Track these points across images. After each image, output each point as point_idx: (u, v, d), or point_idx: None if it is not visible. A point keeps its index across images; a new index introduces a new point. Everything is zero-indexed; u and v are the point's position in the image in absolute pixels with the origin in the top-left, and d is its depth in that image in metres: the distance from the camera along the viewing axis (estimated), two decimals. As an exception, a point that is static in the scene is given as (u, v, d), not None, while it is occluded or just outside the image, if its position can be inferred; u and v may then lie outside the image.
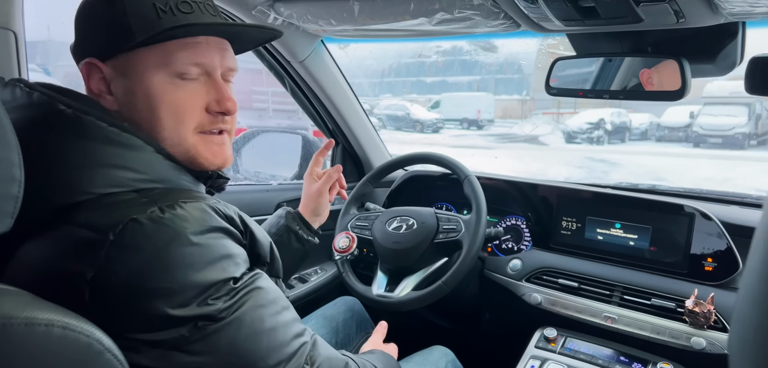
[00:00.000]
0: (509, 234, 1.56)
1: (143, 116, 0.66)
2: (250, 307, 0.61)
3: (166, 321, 0.55)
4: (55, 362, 0.46)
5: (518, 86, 18.37)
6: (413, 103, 16.23)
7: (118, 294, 0.53)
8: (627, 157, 10.10)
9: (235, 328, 0.59)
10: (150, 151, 0.63)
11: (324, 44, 1.54)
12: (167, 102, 0.66)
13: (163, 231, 0.55)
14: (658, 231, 1.28)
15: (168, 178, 0.65)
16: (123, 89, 0.66)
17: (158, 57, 0.65)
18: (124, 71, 0.65)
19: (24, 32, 0.85)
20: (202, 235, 0.58)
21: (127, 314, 0.54)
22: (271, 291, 0.66)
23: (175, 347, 0.56)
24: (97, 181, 0.58)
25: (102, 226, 0.54)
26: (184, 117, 0.67)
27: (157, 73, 0.65)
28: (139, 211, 0.56)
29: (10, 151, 0.47)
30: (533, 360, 1.19)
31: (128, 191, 0.59)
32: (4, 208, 0.48)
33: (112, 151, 0.60)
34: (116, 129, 0.61)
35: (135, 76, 0.65)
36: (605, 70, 1.20)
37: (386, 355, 0.97)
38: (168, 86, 0.66)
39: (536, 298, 1.33)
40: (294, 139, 1.96)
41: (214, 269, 0.58)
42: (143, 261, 0.54)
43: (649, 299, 1.20)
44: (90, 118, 0.60)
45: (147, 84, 0.65)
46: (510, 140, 13.77)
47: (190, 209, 0.59)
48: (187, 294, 0.55)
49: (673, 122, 12.17)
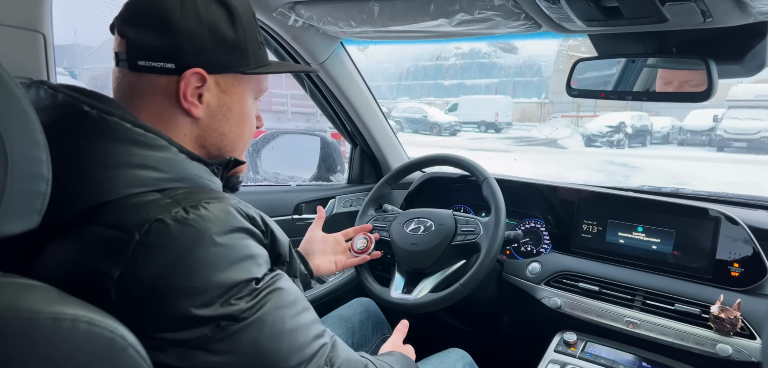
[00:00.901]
0: (528, 237, 1.55)
1: (231, 129, 0.74)
2: (271, 308, 0.61)
3: (190, 320, 0.55)
4: (80, 356, 0.47)
5: (537, 89, 18.25)
6: (430, 105, 16.20)
7: (143, 293, 0.54)
8: (648, 161, 9.94)
9: (258, 328, 0.59)
10: (173, 150, 0.64)
11: (343, 46, 1.54)
12: (251, 120, 0.78)
13: (188, 231, 0.56)
14: (682, 235, 1.25)
15: (190, 176, 0.65)
16: (218, 103, 0.71)
17: (255, 84, 0.76)
18: (226, 89, 0.72)
19: (52, 35, 0.87)
20: (226, 236, 0.58)
21: (152, 313, 0.54)
22: (292, 292, 0.66)
23: (198, 346, 0.56)
24: (123, 181, 0.59)
25: (128, 226, 0.55)
26: (253, 130, 0.79)
27: (250, 95, 0.76)
28: (164, 211, 0.56)
29: (39, 149, 0.48)
30: (553, 364, 1.17)
31: (152, 191, 0.60)
32: (32, 205, 0.48)
33: (136, 151, 0.60)
34: (140, 129, 0.61)
35: (235, 95, 0.73)
36: (628, 71, 1.18)
37: (405, 357, 0.96)
38: (253, 107, 0.78)
39: (556, 302, 1.31)
40: (312, 141, 1.97)
41: (237, 269, 0.58)
42: (168, 261, 0.55)
43: (673, 304, 1.17)
44: (114, 118, 0.60)
45: (243, 104, 0.74)
46: (528, 143, 13.67)
47: (214, 209, 0.59)
48: (210, 294, 0.56)
49: (696, 126, 11.96)
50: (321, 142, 1.95)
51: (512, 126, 16.10)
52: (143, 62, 0.65)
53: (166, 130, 0.66)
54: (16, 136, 0.45)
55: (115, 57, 0.68)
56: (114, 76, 0.69)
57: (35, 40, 0.83)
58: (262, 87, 0.79)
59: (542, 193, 1.52)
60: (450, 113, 16.04)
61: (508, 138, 14.59)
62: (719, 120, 11.18)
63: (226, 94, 0.71)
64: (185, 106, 0.68)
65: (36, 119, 0.48)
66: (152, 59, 0.65)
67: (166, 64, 0.66)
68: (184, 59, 0.66)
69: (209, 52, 0.67)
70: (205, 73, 0.67)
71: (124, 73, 0.67)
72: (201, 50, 0.67)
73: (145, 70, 0.66)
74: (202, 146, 0.72)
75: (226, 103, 0.72)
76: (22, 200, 0.47)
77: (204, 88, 0.68)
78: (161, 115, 0.67)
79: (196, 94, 0.68)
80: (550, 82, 17.44)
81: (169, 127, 0.67)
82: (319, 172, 1.92)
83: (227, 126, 0.73)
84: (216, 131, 0.72)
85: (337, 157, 1.96)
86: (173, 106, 0.68)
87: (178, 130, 0.69)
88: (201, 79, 0.67)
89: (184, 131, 0.69)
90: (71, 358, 0.46)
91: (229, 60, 0.70)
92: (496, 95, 18.12)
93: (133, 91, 0.67)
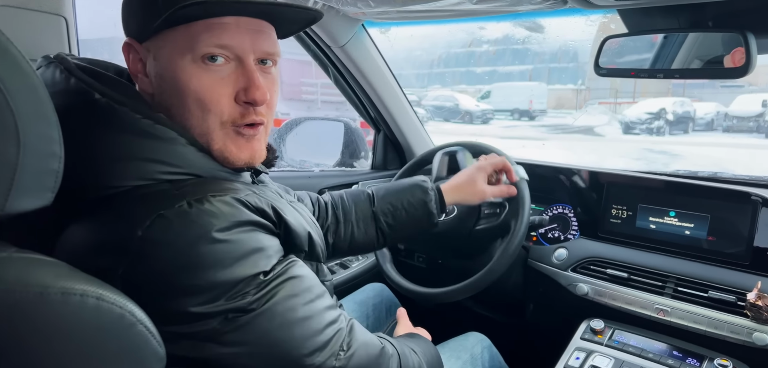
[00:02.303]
0: (556, 223, 1.50)
1: (173, 102, 0.63)
2: (282, 297, 0.60)
3: (196, 316, 0.55)
4: (89, 331, 0.47)
5: (573, 75, 17.78)
6: (462, 93, 16.01)
7: (148, 289, 0.54)
8: (690, 148, 9.55)
9: (268, 318, 0.58)
10: (183, 142, 0.62)
11: (365, 28, 1.53)
12: (192, 88, 0.62)
13: (191, 227, 0.55)
14: (717, 220, 1.19)
15: (202, 167, 0.63)
16: (155, 73, 0.64)
17: (184, 39, 0.61)
18: (156, 53, 0.63)
19: (75, 18, 0.89)
20: (230, 231, 0.57)
21: (158, 308, 0.54)
22: (306, 279, 0.65)
23: (208, 339, 0.56)
24: (130, 173, 0.58)
25: (132, 221, 0.55)
26: (210, 105, 0.63)
27: (183, 56, 0.61)
28: (168, 206, 0.55)
29: (51, 127, 0.49)
30: (578, 351, 1.14)
31: (161, 183, 0.59)
32: (45, 183, 0.49)
33: (145, 143, 0.59)
34: (150, 120, 0.60)
35: (163, 59, 0.63)
36: (659, 47, 1.13)
37: (425, 340, 0.95)
38: (194, 71, 0.62)
39: (583, 289, 1.28)
40: (336, 127, 1.97)
41: (242, 265, 0.57)
42: (171, 257, 0.54)
43: (706, 291, 1.12)
44: (124, 109, 0.59)
45: (173, 68, 0.62)
46: (563, 131, 13.35)
47: (218, 204, 0.57)
48: (215, 291, 0.55)
49: (743, 111, 11.41)
50: (345, 127, 1.94)
51: (547, 113, 15.74)
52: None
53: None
54: (29, 114, 0.46)
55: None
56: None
57: (58, 23, 0.84)
58: (194, 44, 0.61)
59: (570, 178, 1.47)
60: (482, 101, 15.79)
61: (542, 126, 14.27)
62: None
63: (157, 60, 0.63)
64: (134, 80, 0.67)
65: (48, 97, 0.49)
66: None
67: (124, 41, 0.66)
68: (126, 31, 0.66)
69: (129, 17, 0.65)
70: (132, 42, 0.65)
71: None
72: (125, 18, 0.66)
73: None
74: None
75: (160, 72, 0.63)
76: (35, 177, 0.48)
77: (143, 59, 0.65)
78: (139, 99, 0.65)
79: (139, 67, 0.66)
80: (586, 68, 16.96)
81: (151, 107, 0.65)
82: (342, 158, 1.92)
83: (167, 98, 0.64)
84: (162, 106, 0.64)
85: (361, 143, 1.96)
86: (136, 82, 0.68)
87: (158, 108, 0.64)
88: (134, 50, 0.65)
89: (160, 110, 0.63)
90: (80, 333, 0.47)
91: (143, 18, 0.62)
92: (530, 82, 17.76)
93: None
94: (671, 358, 1.08)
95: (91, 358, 0.48)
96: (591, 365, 1.10)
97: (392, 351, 0.78)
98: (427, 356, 0.88)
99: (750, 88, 11.99)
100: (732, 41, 1.02)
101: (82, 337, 0.47)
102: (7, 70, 0.44)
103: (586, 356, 1.12)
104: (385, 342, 0.78)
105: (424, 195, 1.08)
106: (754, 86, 11.95)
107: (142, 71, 0.66)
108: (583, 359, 1.11)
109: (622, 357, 1.11)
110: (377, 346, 0.74)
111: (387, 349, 0.77)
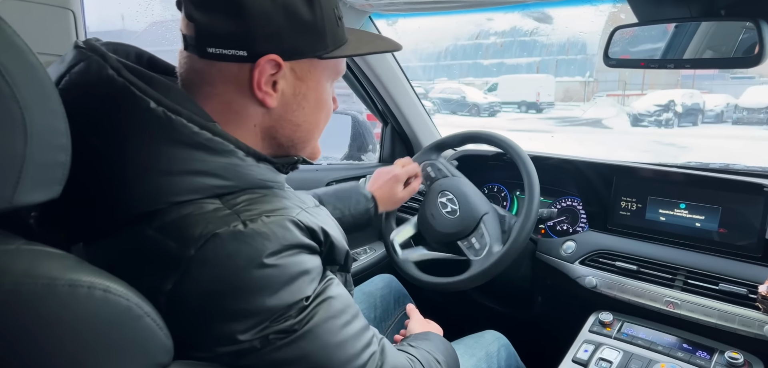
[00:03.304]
0: (564, 216, 1.50)
1: (307, 118, 0.68)
2: (321, 319, 0.59)
3: (238, 339, 0.55)
4: (96, 323, 0.47)
5: (581, 67, 17.68)
6: (469, 85, 15.94)
7: (194, 309, 0.53)
8: (699, 141, 9.48)
9: (308, 341, 0.58)
10: (240, 154, 0.60)
11: (372, 21, 1.52)
12: (328, 106, 0.71)
13: (243, 249, 0.54)
14: (728, 212, 1.18)
15: (254, 181, 0.62)
16: (294, 91, 0.65)
17: (334, 66, 0.69)
18: (302, 75, 0.65)
19: (83, 12, 0.89)
20: (279, 255, 0.56)
21: (202, 328, 0.54)
22: (341, 299, 0.64)
23: (246, 355, 0.56)
24: (182, 187, 0.55)
25: (184, 239, 0.53)
26: (329, 116, 0.73)
27: (328, 80, 0.69)
28: (223, 225, 0.54)
29: (57, 119, 0.49)
30: (587, 344, 1.13)
31: (211, 198, 0.57)
32: (53, 176, 0.49)
33: (200, 156, 0.56)
34: (207, 132, 0.57)
35: (312, 82, 0.66)
36: (670, 37, 1.11)
37: (443, 342, 0.94)
38: (330, 90, 0.71)
39: (592, 281, 1.27)
40: (344, 120, 1.97)
41: (288, 291, 0.57)
42: (222, 278, 0.53)
43: (717, 284, 1.11)
44: (181, 120, 0.55)
45: (321, 90, 0.68)
46: (571, 123, 13.28)
47: (273, 226, 0.56)
48: (260, 316, 0.55)
49: (754, 103, 11.29)
50: (352, 121, 1.94)
51: (554, 106, 15.66)
52: (213, 49, 0.59)
53: (235, 121, 0.63)
54: (36, 106, 0.46)
55: (183, 39, 0.62)
56: (181, 58, 0.64)
57: (65, 17, 0.84)
58: (340, 69, 0.71)
59: (579, 170, 1.46)
60: (489, 93, 15.74)
61: (549, 118, 14.21)
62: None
63: (302, 81, 0.65)
64: (259, 96, 0.62)
65: (54, 90, 0.49)
66: (223, 46, 0.59)
67: (238, 52, 0.59)
68: (258, 45, 0.60)
69: (284, 36, 0.60)
70: (281, 60, 0.61)
71: (193, 59, 0.61)
72: (275, 34, 0.60)
73: (215, 58, 0.60)
74: (272, 137, 0.67)
75: (302, 91, 0.65)
76: (43, 170, 0.48)
77: (278, 76, 0.62)
78: (231, 105, 0.62)
79: (270, 82, 0.62)
80: (594, 60, 16.83)
81: (239, 118, 0.63)
82: (350, 151, 1.91)
83: (302, 115, 0.67)
84: (290, 122, 0.66)
85: (368, 136, 1.96)
86: (245, 95, 0.62)
87: (248, 121, 0.64)
88: (276, 66, 0.61)
89: (255, 122, 0.64)
90: (87, 325, 0.47)
91: (306, 43, 0.63)
92: (538, 74, 17.66)
93: (203, 80, 0.62)
94: (681, 351, 1.08)
95: (98, 350, 0.48)
96: (599, 358, 1.09)
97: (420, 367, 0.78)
98: (448, 362, 0.88)
99: (761, 80, 11.85)
100: (741, 29, 1.01)
101: (89, 329, 0.47)
102: (14, 62, 0.44)
103: (594, 349, 1.11)
104: (414, 361, 0.78)
105: (366, 204, 1.20)
106: (765, 78, 11.81)
107: (271, 86, 0.63)
108: (591, 351, 1.11)
109: (631, 349, 1.10)
110: (407, 365, 0.74)
111: (416, 366, 0.77)
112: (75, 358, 0.47)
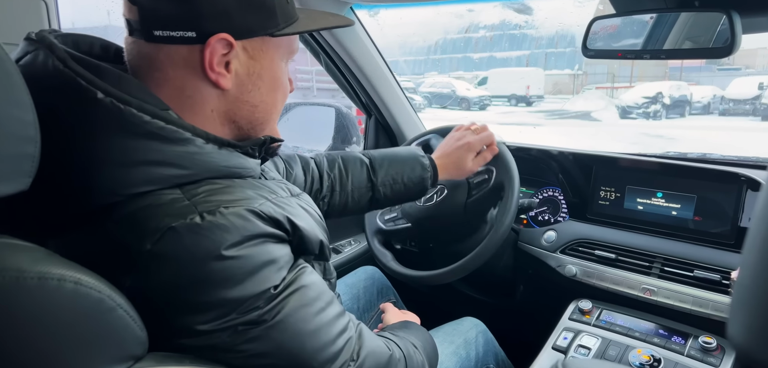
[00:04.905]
0: (546, 206, 1.51)
1: (264, 99, 0.66)
2: (292, 308, 0.58)
3: (205, 332, 0.54)
4: (67, 316, 0.47)
5: (570, 60, 17.75)
6: (459, 79, 15.95)
7: (157, 303, 0.52)
8: (686, 132, 9.58)
9: (279, 331, 0.57)
10: (199, 142, 0.58)
11: (353, 11, 1.52)
12: (284, 85, 0.70)
13: (201, 242, 0.52)
14: (703, 201, 1.20)
15: (216, 168, 0.60)
16: (247, 71, 0.63)
17: (287, 44, 0.68)
18: (255, 54, 0.63)
19: (56, 3, 0.87)
20: (240, 247, 0.54)
21: (166, 322, 0.53)
22: (315, 287, 0.63)
23: (218, 349, 0.55)
24: (138, 178, 0.54)
25: (141, 232, 0.52)
26: (286, 96, 0.72)
27: (282, 59, 0.68)
28: (179, 218, 0.52)
29: (25, 110, 0.48)
30: (567, 331, 1.15)
31: (170, 188, 0.55)
32: (21, 168, 0.48)
33: (154, 145, 0.54)
34: (160, 121, 0.55)
35: (265, 60, 0.65)
36: (646, 28, 1.12)
37: (419, 329, 0.95)
38: (285, 69, 0.69)
39: (571, 270, 1.28)
40: (327, 112, 1.96)
41: (253, 281, 0.55)
42: (180, 272, 0.52)
43: (692, 270, 1.13)
44: (130, 109, 0.53)
45: (275, 68, 0.67)
46: (560, 116, 13.35)
47: (231, 217, 0.54)
48: (224, 308, 0.54)
49: (740, 94, 11.43)
50: (336, 113, 1.94)
51: (544, 99, 15.73)
52: (160, 32, 0.57)
53: (191, 107, 0.60)
54: (3, 98, 0.45)
55: (127, 25, 0.59)
56: (127, 45, 0.61)
57: (37, 8, 0.83)
58: (294, 47, 0.70)
59: (559, 161, 1.47)
60: (479, 87, 15.76)
61: (539, 111, 14.27)
62: (765, 88, 10.65)
63: (255, 60, 0.63)
64: (212, 77, 0.60)
65: (21, 80, 0.48)
66: (170, 28, 0.57)
67: (187, 33, 0.57)
68: (206, 24, 0.57)
69: (233, 14, 0.59)
70: (232, 39, 0.59)
71: (140, 45, 0.59)
72: (224, 13, 0.58)
73: (163, 41, 0.57)
74: (232, 121, 0.65)
75: (256, 71, 0.64)
76: (10, 162, 0.47)
77: (231, 56, 0.60)
78: (184, 89, 0.60)
79: (222, 63, 0.60)
80: (583, 53, 16.87)
81: (194, 104, 0.61)
82: (334, 143, 1.91)
83: (258, 95, 0.65)
84: (247, 103, 0.64)
85: (353, 128, 1.95)
86: (198, 78, 0.60)
87: (205, 106, 0.61)
88: (227, 46, 0.59)
89: (212, 106, 0.62)
90: (58, 318, 0.46)
91: (256, 21, 0.61)
92: (527, 67, 17.71)
93: (151, 65, 0.59)
94: (657, 336, 1.09)
95: (70, 343, 0.47)
96: (579, 345, 1.11)
97: (399, 355, 0.78)
98: (426, 348, 0.88)
99: (747, 71, 11.97)
100: (719, 21, 1.02)
101: (60, 322, 0.46)
102: None
103: (574, 336, 1.13)
104: (392, 345, 0.77)
105: (423, 172, 1.11)
106: (751, 69, 11.94)
107: (225, 69, 0.61)
108: (570, 339, 1.12)
109: (610, 336, 1.12)
110: (385, 353, 0.74)
111: (395, 354, 0.76)
112: (47, 352, 0.46)
